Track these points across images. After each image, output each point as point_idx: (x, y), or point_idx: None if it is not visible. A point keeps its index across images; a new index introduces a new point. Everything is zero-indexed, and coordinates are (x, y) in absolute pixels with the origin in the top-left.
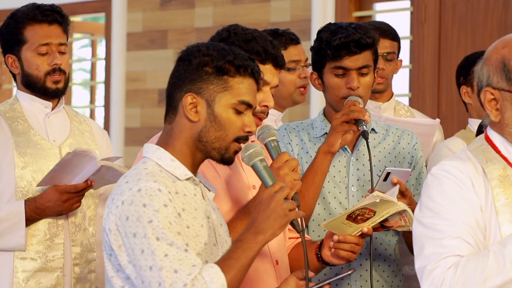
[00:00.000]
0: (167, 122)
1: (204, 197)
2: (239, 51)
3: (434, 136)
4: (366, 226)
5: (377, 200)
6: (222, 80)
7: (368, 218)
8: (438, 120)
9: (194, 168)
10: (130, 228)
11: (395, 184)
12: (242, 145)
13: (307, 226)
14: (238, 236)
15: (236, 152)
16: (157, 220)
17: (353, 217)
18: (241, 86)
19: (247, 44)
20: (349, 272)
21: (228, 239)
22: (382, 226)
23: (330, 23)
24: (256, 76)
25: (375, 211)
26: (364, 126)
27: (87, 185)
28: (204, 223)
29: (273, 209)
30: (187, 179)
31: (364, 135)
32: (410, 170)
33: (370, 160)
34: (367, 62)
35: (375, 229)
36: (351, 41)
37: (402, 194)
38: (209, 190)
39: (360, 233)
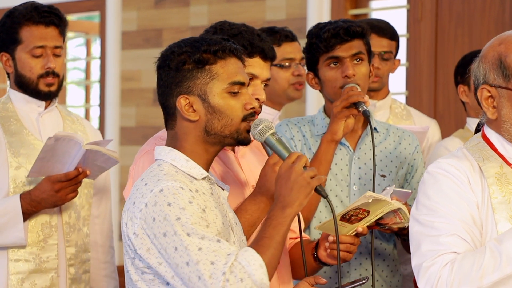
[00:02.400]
0: (169, 128)
1: (219, 196)
2: (211, 37)
3: (424, 142)
4: (361, 226)
5: (370, 200)
6: (205, 71)
7: (362, 218)
8: (427, 127)
9: (208, 165)
10: (159, 229)
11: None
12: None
13: (308, 226)
14: (266, 214)
15: (249, 131)
16: (185, 217)
17: (347, 218)
18: (226, 69)
19: (233, 38)
20: (363, 282)
21: (244, 238)
22: (378, 224)
23: (319, 23)
24: (236, 53)
25: (369, 211)
26: (364, 107)
27: (79, 173)
28: (224, 221)
29: (295, 180)
30: (203, 178)
31: (366, 114)
32: (410, 192)
33: (372, 141)
34: (360, 49)
35: (370, 227)
36: (340, 29)
37: None
38: (223, 189)
39: (355, 232)
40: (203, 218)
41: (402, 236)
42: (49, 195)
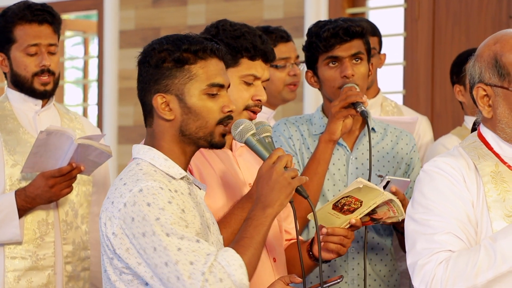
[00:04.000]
0: (147, 125)
1: (196, 195)
2: (194, 36)
3: (414, 133)
4: (354, 218)
5: (361, 186)
6: (184, 71)
7: (355, 209)
8: (417, 117)
9: (186, 165)
10: (138, 229)
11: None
12: (229, 126)
13: (307, 225)
14: (246, 215)
15: (224, 135)
16: (164, 217)
17: (339, 207)
18: (206, 70)
19: (235, 41)
20: (338, 281)
21: (220, 237)
22: (372, 219)
23: (319, 21)
24: (217, 54)
25: (362, 201)
26: (362, 107)
27: (72, 168)
28: (202, 221)
29: (276, 180)
30: (182, 178)
31: (364, 114)
32: (409, 180)
33: (369, 142)
34: (359, 49)
35: (364, 222)
36: (340, 29)
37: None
38: (200, 188)
39: (348, 225)
40: (183, 218)
41: (401, 230)
42: (43, 191)
